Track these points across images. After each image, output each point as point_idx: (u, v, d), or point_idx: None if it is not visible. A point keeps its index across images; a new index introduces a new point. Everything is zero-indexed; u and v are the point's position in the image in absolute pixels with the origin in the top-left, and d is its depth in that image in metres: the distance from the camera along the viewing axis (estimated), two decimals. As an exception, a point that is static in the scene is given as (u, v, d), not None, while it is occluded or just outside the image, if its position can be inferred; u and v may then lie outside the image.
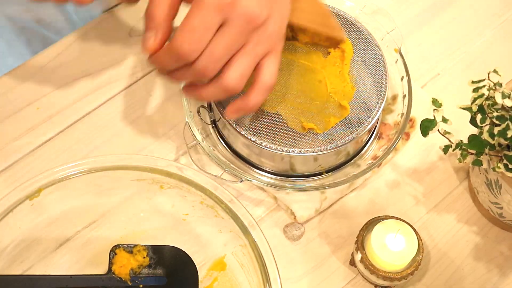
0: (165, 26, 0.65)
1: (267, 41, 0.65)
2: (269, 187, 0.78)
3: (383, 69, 0.79)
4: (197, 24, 0.62)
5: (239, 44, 0.64)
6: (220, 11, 0.62)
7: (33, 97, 0.83)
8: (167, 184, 0.75)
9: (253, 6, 0.63)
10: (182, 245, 0.73)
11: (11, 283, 0.69)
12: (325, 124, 0.75)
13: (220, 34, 0.63)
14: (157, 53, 0.66)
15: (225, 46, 0.63)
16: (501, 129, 0.68)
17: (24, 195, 0.71)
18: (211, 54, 0.63)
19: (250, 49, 0.65)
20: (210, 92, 0.67)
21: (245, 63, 0.65)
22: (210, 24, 0.62)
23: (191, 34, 0.62)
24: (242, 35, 0.64)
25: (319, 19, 0.76)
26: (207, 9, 0.62)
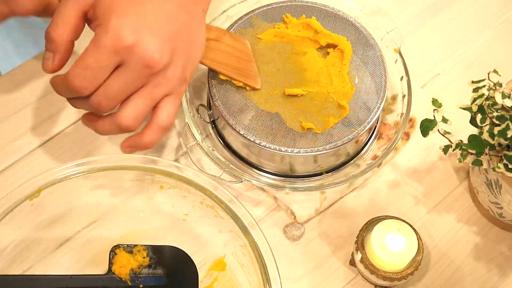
0: (64, 49, 0.65)
1: (166, 84, 0.66)
2: (269, 187, 0.78)
3: (382, 69, 0.79)
4: (91, 62, 0.62)
5: (136, 85, 0.64)
6: (116, 53, 0.62)
7: (33, 97, 0.83)
8: (167, 184, 0.75)
9: (152, 52, 0.63)
10: (182, 245, 0.73)
11: (11, 283, 0.69)
12: (324, 124, 0.75)
13: (116, 74, 0.63)
14: (56, 79, 0.66)
15: (120, 87, 0.64)
16: (501, 129, 0.68)
17: (24, 195, 0.71)
18: (105, 92, 0.64)
19: (147, 91, 0.65)
20: (106, 127, 0.67)
21: (141, 104, 0.65)
22: (105, 64, 0.62)
23: (84, 71, 0.62)
24: (139, 78, 0.64)
25: (235, 62, 0.76)
26: (103, 49, 0.62)
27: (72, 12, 0.65)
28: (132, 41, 0.62)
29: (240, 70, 0.76)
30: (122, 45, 0.62)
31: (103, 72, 0.63)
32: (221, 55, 0.75)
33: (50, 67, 0.66)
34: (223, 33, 0.76)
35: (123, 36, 0.62)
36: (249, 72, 0.76)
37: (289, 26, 0.79)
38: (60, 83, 0.65)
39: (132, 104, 0.65)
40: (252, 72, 0.76)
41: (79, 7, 0.65)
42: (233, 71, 0.75)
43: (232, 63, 0.75)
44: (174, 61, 0.65)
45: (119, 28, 0.62)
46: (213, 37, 0.74)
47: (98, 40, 0.62)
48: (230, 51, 0.76)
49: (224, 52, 0.75)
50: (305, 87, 0.76)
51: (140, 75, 0.64)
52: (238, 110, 0.75)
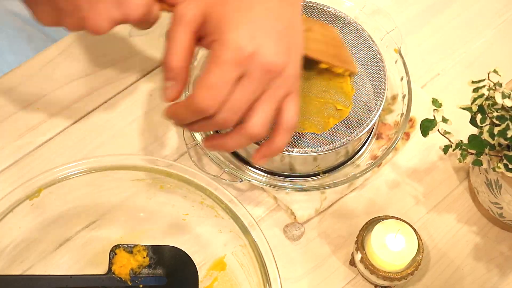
0: (183, 75, 0.64)
1: (286, 84, 0.64)
2: (269, 187, 0.78)
3: (382, 69, 0.79)
4: (216, 80, 0.61)
5: (258, 93, 0.63)
6: (238, 65, 0.61)
7: (33, 97, 0.83)
8: (167, 184, 0.75)
9: (271, 56, 0.62)
10: (182, 245, 0.73)
11: (11, 283, 0.69)
12: (324, 125, 0.75)
13: (240, 86, 0.62)
14: (175, 107, 0.64)
15: (245, 98, 0.62)
16: (501, 129, 0.68)
17: (24, 195, 0.71)
18: (231, 106, 0.62)
19: (270, 95, 0.63)
20: (235, 141, 0.65)
21: (267, 109, 0.63)
22: (229, 79, 0.61)
23: (211, 90, 0.61)
24: (262, 85, 0.62)
25: (331, 49, 0.75)
26: (226, 64, 0.60)
27: (186, 37, 0.63)
28: (252, 49, 0.61)
29: (337, 56, 0.75)
30: (244, 55, 0.60)
31: (228, 86, 0.61)
32: (315, 43, 0.74)
33: (172, 95, 0.64)
34: (313, 22, 0.76)
35: (243, 47, 0.60)
36: (346, 57, 0.75)
37: None
38: (182, 109, 0.63)
39: (258, 112, 0.63)
40: (348, 57, 0.76)
41: (191, 29, 0.63)
42: (330, 57, 0.74)
43: (326, 49, 0.75)
44: (290, 60, 0.64)
45: (237, 39, 0.61)
46: (306, 28, 0.72)
47: (218, 56, 0.61)
48: (324, 39, 0.75)
49: (317, 40, 0.74)
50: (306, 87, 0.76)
51: (263, 81, 0.62)
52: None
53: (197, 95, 0.61)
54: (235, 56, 0.60)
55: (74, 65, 0.85)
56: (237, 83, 0.62)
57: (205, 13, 0.63)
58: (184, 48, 0.63)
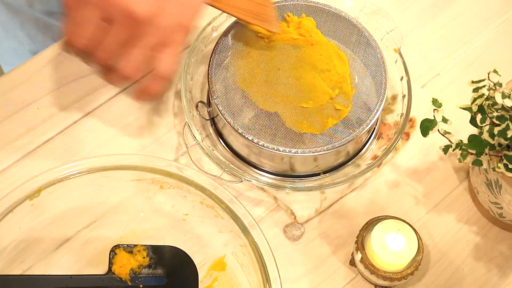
0: None
1: (157, 33, 0.68)
2: (269, 187, 0.78)
3: (382, 69, 0.79)
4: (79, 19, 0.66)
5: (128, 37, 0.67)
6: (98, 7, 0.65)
7: (33, 97, 0.83)
8: (167, 184, 0.75)
9: (133, 4, 0.65)
10: (182, 245, 0.73)
11: (11, 283, 0.69)
12: (323, 125, 0.75)
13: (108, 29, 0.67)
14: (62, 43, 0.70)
15: (114, 40, 0.67)
16: (501, 129, 0.68)
17: (24, 195, 0.71)
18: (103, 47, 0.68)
19: (141, 41, 0.68)
20: (114, 78, 0.71)
21: (136, 54, 0.68)
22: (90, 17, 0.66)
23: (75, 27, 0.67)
24: (128, 29, 0.67)
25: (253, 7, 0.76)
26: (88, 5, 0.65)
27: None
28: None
29: (256, 14, 0.76)
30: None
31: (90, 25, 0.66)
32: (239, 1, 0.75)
33: None
34: None
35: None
36: (266, 16, 0.76)
37: (291, 25, 0.79)
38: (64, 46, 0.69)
39: (127, 55, 0.68)
40: (270, 16, 0.76)
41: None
42: (249, 15, 0.75)
43: (248, 7, 0.76)
44: (161, 9, 0.67)
45: None
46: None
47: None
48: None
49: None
50: (306, 86, 0.76)
51: (128, 27, 0.66)
52: (237, 109, 0.75)
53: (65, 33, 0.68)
54: None
55: (74, 65, 0.85)
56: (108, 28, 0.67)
57: None
58: None
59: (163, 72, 0.70)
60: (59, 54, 0.86)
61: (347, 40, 0.80)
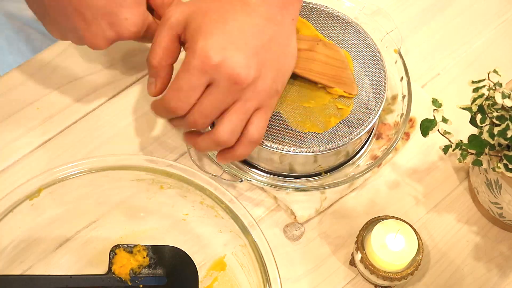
0: (164, 74, 0.69)
1: (256, 98, 0.67)
2: (269, 187, 0.78)
3: (382, 69, 0.79)
4: (183, 84, 0.65)
5: (227, 101, 0.67)
6: (204, 73, 0.64)
7: (33, 97, 0.83)
8: (167, 184, 0.75)
9: (239, 68, 0.65)
10: (182, 245, 0.73)
11: (11, 283, 0.69)
12: (326, 124, 0.75)
13: (207, 93, 0.66)
14: (155, 103, 0.69)
15: (213, 104, 0.66)
16: (501, 129, 0.68)
17: (24, 195, 0.71)
18: (200, 110, 0.66)
19: (239, 106, 0.67)
20: (205, 143, 0.70)
21: (235, 119, 0.67)
22: (195, 84, 0.65)
23: (177, 93, 0.66)
24: (230, 94, 0.66)
25: (332, 70, 0.77)
26: (192, 71, 0.64)
27: (167, 38, 0.68)
28: (218, 60, 0.64)
29: (335, 77, 0.77)
30: (209, 64, 0.64)
31: (194, 92, 0.65)
32: (315, 64, 0.76)
33: (154, 91, 0.70)
34: (316, 41, 0.77)
35: (209, 56, 0.64)
36: (345, 79, 0.77)
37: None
38: (158, 105, 0.68)
39: (226, 120, 0.67)
40: (348, 79, 0.77)
41: (172, 31, 0.67)
42: (328, 79, 0.76)
43: (327, 71, 0.76)
44: (262, 74, 0.67)
45: (206, 48, 0.64)
46: (306, 47, 0.76)
47: (187, 62, 0.65)
48: (324, 60, 0.77)
49: (317, 61, 0.76)
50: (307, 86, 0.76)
51: (230, 91, 0.66)
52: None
53: (165, 95, 0.67)
54: (201, 64, 0.64)
55: (74, 65, 0.85)
56: (206, 89, 0.66)
57: (188, 20, 0.67)
58: (164, 48, 0.68)
59: (255, 137, 0.69)
60: (59, 54, 0.86)
61: (346, 40, 0.80)
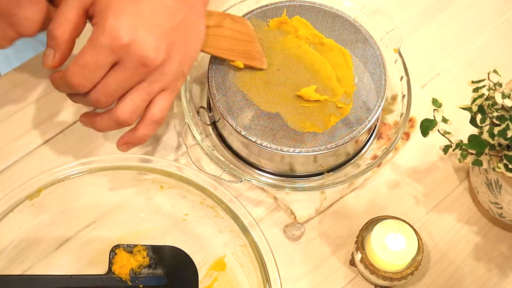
0: (65, 47, 0.66)
1: (162, 80, 0.67)
2: (269, 187, 0.78)
3: (382, 69, 0.79)
4: (88, 61, 0.63)
5: (133, 82, 0.66)
6: (112, 52, 0.63)
7: (33, 97, 0.83)
8: (167, 184, 0.75)
9: (147, 50, 0.64)
10: (182, 245, 0.73)
11: (11, 283, 0.69)
12: (325, 123, 0.75)
13: (113, 72, 0.65)
14: (55, 76, 0.67)
15: (117, 84, 0.65)
16: (501, 129, 0.68)
17: (24, 195, 0.71)
18: (103, 89, 0.65)
19: (144, 86, 0.66)
20: (104, 123, 0.69)
21: (137, 99, 0.67)
22: (101, 63, 0.64)
23: (82, 69, 0.64)
24: (136, 75, 0.65)
25: (241, 46, 0.76)
26: (100, 48, 0.63)
27: (73, 10, 0.66)
28: (128, 40, 0.63)
29: (244, 53, 0.76)
30: (118, 44, 0.63)
31: (100, 70, 0.64)
32: (223, 40, 0.75)
33: (51, 63, 0.67)
34: (223, 17, 0.77)
35: (119, 36, 0.63)
36: (254, 53, 0.77)
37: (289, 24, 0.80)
38: (59, 79, 0.67)
39: (129, 100, 0.67)
40: (257, 53, 0.77)
41: (80, 4, 0.66)
42: (237, 55, 0.76)
43: (235, 46, 0.76)
44: (170, 57, 0.66)
45: (116, 27, 0.63)
46: (214, 24, 0.75)
47: (95, 39, 0.64)
48: (232, 35, 0.76)
49: (226, 37, 0.76)
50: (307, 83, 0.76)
51: (137, 72, 0.65)
52: (238, 110, 0.75)
53: (69, 70, 0.65)
54: (110, 43, 0.63)
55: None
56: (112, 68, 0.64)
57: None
58: (69, 20, 0.66)
59: (157, 117, 0.69)
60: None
61: (346, 40, 0.80)
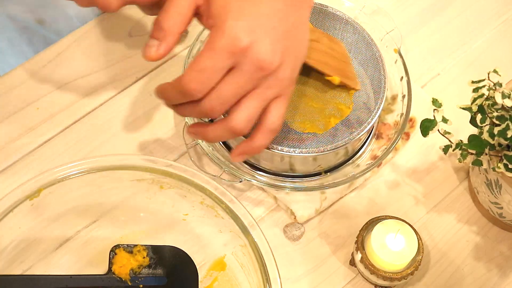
0: (172, 40, 0.64)
1: (277, 85, 0.64)
2: (269, 187, 0.78)
3: (382, 69, 0.79)
4: (207, 65, 0.61)
5: (248, 88, 0.63)
6: (231, 56, 0.61)
7: (33, 97, 0.83)
8: (167, 184, 0.75)
9: (265, 54, 0.62)
10: (182, 245, 0.73)
11: (11, 283, 0.69)
12: (326, 124, 0.75)
13: (229, 77, 0.62)
14: (164, 86, 0.65)
15: (234, 89, 0.62)
16: (501, 129, 0.68)
17: (24, 195, 0.71)
18: (219, 95, 0.62)
19: (259, 93, 0.64)
20: (217, 132, 0.66)
21: (253, 106, 0.64)
22: (220, 67, 0.61)
23: (200, 74, 0.61)
24: (252, 80, 0.63)
25: (336, 63, 0.76)
26: (219, 52, 0.61)
27: (186, 4, 0.63)
28: (247, 43, 0.61)
29: (339, 70, 0.75)
30: (238, 47, 0.61)
31: (218, 74, 0.61)
32: (322, 55, 0.74)
33: (154, 54, 0.64)
34: (322, 34, 0.76)
35: (239, 38, 0.61)
36: (348, 73, 0.76)
37: None
38: (170, 88, 0.64)
39: (244, 107, 0.64)
40: (351, 73, 0.76)
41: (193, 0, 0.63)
42: (334, 71, 0.75)
43: (332, 63, 0.75)
44: (284, 61, 0.64)
45: (235, 29, 0.61)
46: (314, 38, 0.73)
47: (213, 42, 0.61)
48: (330, 52, 0.75)
49: (324, 52, 0.75)
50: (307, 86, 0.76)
51: (253, 77, 0.62)
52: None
53: (186, 76, 0.62)
54: (229, 45, 0.61)
55: (74, 65, 0.85)
56: (227, 73, 0.62)
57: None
58: (180, 13, 0.63)
59: (275, 125, 0.66)
60: (59, 54, 0.86)
61: (346, 40, 0.80)
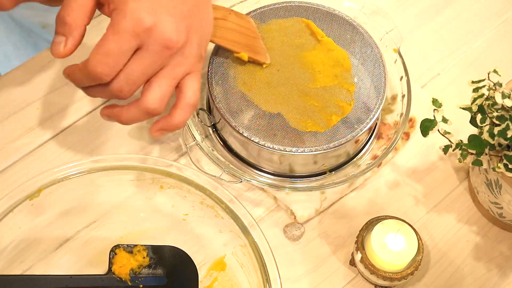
0: (78, 33, 0.64)
1: (185, 63, 0.66)
2: (269, 187, 0.78)
3: (382, 69, 0.79)
4: (112, 48, 0.61)
5: (156, 67, 0.64)
6: (136, 36, 0.61)
7: (33, 97, 0.83)
8: (167, 184, 0.75)
9: (170, 32, 0.63)
10: (182, 245, 0.73)
11: (11, 283, 0.69)
12: (327, 122, 0.75)
13: (136, 58, 0.63)
14: (72, 69, 0.65)
15: (141, 70, 0.63)
16: (501, 129, 0.68)
17: (24, 195, 0.71)
18: (127, 76, 0.63)
19: (168, 71, 0.65)
20: (131, 113, 0.66)
21: (165, 85, 0.65)
22: (125, 48, 0.61)
23: (105, 57, 0.61)
24: (159, 60, 0.64)
25: (245, 40, 0.77)
26: (123, 34, 0.61)
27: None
28: (151, 23, 0.61)
29: (249, 46, 0.76)
30: (142, 27, 0.61)
31: (124, 56, 0.62)
32: (229, 33, 0.76)
33: (62, 51, 0.64)
34: (228, 11, 0.77)
35: (142, 19, 0.61)
36: (257, 48, 0.77)
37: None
38: (78, 71, 0.64)
39: (155, 86, 0.64)
40: (260, 48, 0.77)
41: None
42: (243, 48, 0.76)
43: (240, 40, 0.76)
44: (190, 39, 0.65)
45: (137, 10, 0.61)
46: (220, 16, 0.75)
47: (116, 24, 0.61)
48: (237, 29, 0.76)
49: (231, 30, 0.76)
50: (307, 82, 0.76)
51: (160, 56, 0.63)
52: (239, 111, 0.75)
53: (91, 60, 0.62)
54: (133, 27, 0.61)
55: (74, 65, 0.85)
56: (134, 54, 0.62)
57: None
58: (82, 5, 0.63)
59: (193, 100, 0.67)
60: (59, 54, 0.86)
61: (346, 40, 0.80)
